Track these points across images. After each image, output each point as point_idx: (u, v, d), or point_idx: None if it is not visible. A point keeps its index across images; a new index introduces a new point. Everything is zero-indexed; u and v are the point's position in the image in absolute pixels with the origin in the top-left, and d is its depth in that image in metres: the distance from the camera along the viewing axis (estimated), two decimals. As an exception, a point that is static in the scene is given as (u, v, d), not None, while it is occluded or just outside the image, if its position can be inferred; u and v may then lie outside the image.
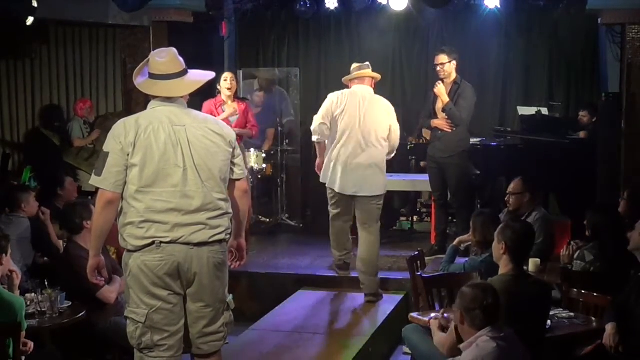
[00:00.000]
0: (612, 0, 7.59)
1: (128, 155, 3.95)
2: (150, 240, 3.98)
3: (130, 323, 4.09)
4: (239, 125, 7.45)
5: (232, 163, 4.20)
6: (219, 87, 7.44)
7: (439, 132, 7.60)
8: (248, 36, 10.45)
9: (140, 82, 4.16)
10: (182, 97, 4.15)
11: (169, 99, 4.10)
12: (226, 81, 7.46)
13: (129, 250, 4.05)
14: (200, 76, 4.24)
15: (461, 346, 3.91)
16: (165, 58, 4.11)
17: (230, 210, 4.18)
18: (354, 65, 6.92)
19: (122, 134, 3.98)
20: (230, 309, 4.25)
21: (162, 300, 4.02)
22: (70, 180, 7.31)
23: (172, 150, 3.99)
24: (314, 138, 6.74)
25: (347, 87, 6.87)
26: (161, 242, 3.97)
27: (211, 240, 4.05)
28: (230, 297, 4.26)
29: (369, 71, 6.83)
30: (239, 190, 4.30)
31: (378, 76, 6.93)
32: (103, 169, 3.96)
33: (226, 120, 7.07)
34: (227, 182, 4.18)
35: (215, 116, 6.91)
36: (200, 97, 7.09)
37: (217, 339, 4.20)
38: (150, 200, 3.97)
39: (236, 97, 7.60)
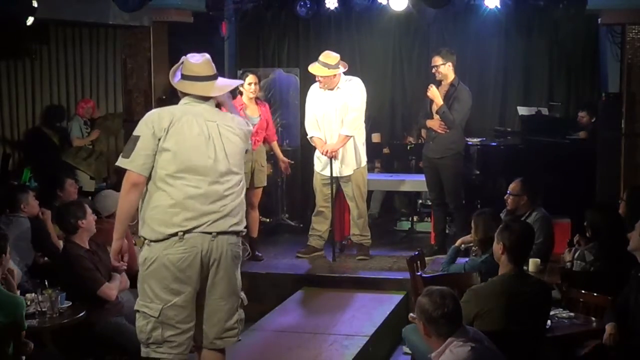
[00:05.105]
0: (612, 0, 7.59)
1: (159, 140, 4.07)
2: (174, 230, 4.05)
3: (140, 317, 4.15)
4: (261, 128, 7.47)
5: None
6: (241, 89, 7.40)
7: (433, 132, 7.61)
8: (248, 36, 10.44)
9: (175, 82, 4.30)
10: (212, 98, 4.30)
11: (202, 98, 4.24)
12: (251, 85, 7.42)
13: (150, 243, 4.11)
14: (230, 81, 4.53)
15: (432, 356, 3.78)
16: (200, 61, 4.28)
17: (245, 206, 4.35)
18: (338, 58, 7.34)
19: (155, 120, 4.12)
20: (243, 306, 4.34)
21: (179, 296, 4.08)
22: (71, 182, 7.30)
23: (204, 142, 4.14)
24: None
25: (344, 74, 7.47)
26: (184, 233, 4.05)
27: (230, 229, 4.16)
28: (243, 294, 4.33)
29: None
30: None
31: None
32: (132, 151, 4.06)
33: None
34: (243, 174, 4.36)
35: None
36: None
37: (232, 335, 4.30)
38: (181, 184, 4.09)
39: (256, 99, 7.63)
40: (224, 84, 4.39)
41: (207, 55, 4.34)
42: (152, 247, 4.11)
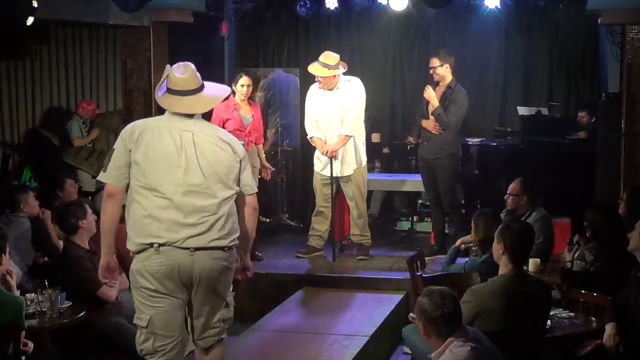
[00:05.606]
0: (612, 0, 7.59)
1: (130, 151, 4.08)
2: (149, 241, 4.04)
3: (137, 331, 4.20)
4: (254, 129, 7.48)
5: (242, 180, 4.25)
6: (233, 88, 7.39)
7: (428, 133, 7.62)
8: (248, 36, 10.44)
9: (160, 97, 4.23)
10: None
11: (187, 115, 4.18)
12: (243, 87, 7.43)
13: (134, 256, 4.14)
14: (217, 91, 4.37)
15: (432, 356, 3.78)
16: (184, 74, 4.19)
17: (236, 217, 4.24)
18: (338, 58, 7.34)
19: (128, 131, 4.14)
20: (230, 307, 4.31)
21: (162, 306, 4.10)
22: (71, 182, 7.30)
23: (176, 152, 4.07)
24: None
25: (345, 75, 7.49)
26: (160, 245, 4.03)
27: (210, 245, 4.09)
28: (231, 297, 4.32)
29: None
30: (249, 207, 4.33)
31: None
32: (108, 164, 4.12)
33: (240, 124, 7.29)
34: (233, 189, 4.21)
35: (229, 117, 7.29)
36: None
37: (211, 334, 4.28)
38: (154, 196, 4.06)
39: (249, 99, 7.63)
40: (212, 95, 4.30)
41: (192, 67, 4.23)
42: (135, 260, 4.13)
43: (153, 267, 4.06)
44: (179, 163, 4.07)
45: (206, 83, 4.28)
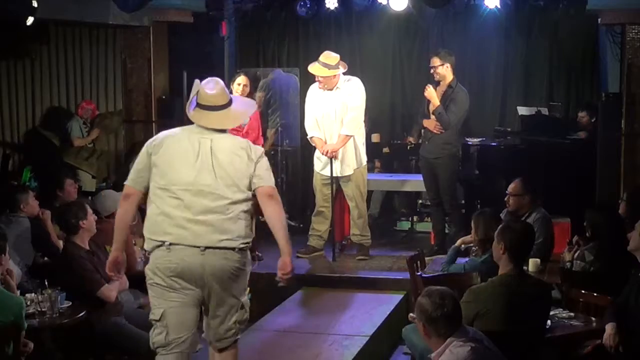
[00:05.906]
0: (612, 1, 7.60)
1: (151, 155, 4.25)
2: (160, 238, 4.16)
3: (153, 326, 4.28)
4: (251, 128, 7.48)
5: (254, 175, 4.29)
6: (231, 88, 7.39)
7: (429, 133, 7.63)
8: (248, 36, 10.44)
9: (191, 112, 4.36)
10: None
11: (216, 130, 4.30)
12: (240, 86, 7.43)
13: (149, 255, 4.26)
14: (245, 106, 4.64)
15: (432, 356, 3.78)
16: (213, 90, 4.33)
17: (249, 221, 4.33)
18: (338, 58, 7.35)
19: (153, 138, 4.36)
20: (245, 308, 4.39)
21: (177, 299, 4.20)
22: (71, 182, 7.30)
23: (192, 157, 4.21)
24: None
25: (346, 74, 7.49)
26: (171, 244, 4.14)
27: (220, 245, 4.17)
28: (246, 298, 4.40)
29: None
30: (263, 195, 4.32)
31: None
32: (131, 167, 4.36)
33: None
34: (245, 193, 4.27)
35: None
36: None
37: (228, 335, 4.37)
38: (167, 196, 4.19)
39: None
40: (239, 110, 4.47)
41: (221, 83, 4.39)
42: (150, 258, 4.25)
43: (164, 265, 4.17)
44: (193, 165, 4.19)
45: (234, 97, 4.45)
